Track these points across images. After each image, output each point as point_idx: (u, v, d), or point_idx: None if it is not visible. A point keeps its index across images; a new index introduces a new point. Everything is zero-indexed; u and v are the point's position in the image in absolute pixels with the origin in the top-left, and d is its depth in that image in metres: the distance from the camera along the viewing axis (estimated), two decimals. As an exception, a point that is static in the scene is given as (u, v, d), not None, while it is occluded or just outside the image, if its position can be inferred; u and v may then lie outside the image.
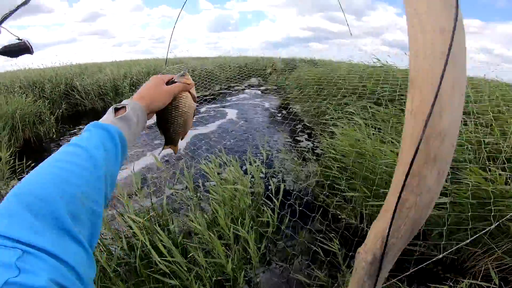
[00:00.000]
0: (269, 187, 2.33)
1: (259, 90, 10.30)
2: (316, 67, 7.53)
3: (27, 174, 0.36)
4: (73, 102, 7.48)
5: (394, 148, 2.17)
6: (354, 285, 0.45)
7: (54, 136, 5.53)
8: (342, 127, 2.82)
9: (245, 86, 11.07)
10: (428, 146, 0.35)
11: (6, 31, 1.16)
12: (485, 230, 1.66)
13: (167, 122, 0.64)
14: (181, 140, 0.70)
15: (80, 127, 6.11)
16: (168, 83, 0.62)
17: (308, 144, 4.31)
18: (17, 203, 0.32)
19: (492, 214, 1.76)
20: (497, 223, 1.65)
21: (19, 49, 1.08)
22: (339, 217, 2.49)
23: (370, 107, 3.07)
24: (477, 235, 1.64)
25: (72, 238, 0.33)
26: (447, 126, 0.35)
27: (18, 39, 1.06)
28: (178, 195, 2.53)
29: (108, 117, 0.50)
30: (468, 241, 1.60)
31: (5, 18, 1.23)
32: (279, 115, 6.53)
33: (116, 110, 0.52)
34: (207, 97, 8.58)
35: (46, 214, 0.32)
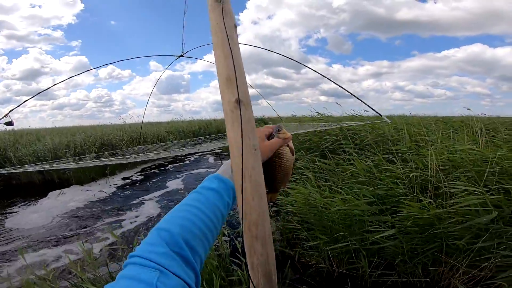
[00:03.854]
0: (236, 246, 2.40)
1: (214, 153, 10.51)
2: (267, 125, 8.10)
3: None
4: (7, 175, 6.50)
5: (340, 196, 2.45)
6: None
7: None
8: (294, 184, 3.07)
9: (200, 151, 11.25)
10: (250, 231, 0.53)
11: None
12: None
13: (273, 173, 0.67)
14: (283, 188, 0.73)
15: (16, 202, 5.49)
16: (269, 137, 0.67)
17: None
18: (157, 235, 0.44)
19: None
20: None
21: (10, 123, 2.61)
22: (310, 263, 2.63)
23: (317, 160, 3.44)
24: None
25: (190, 265, 0.44)
26: (257, 217, 0.54)
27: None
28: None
29: (227, 170, 0.59)
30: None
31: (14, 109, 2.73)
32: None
33: None
34: (162, 164, 8.53)
35: (175, 246, 0.43)
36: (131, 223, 4.28)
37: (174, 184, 6.57)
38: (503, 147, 2.70)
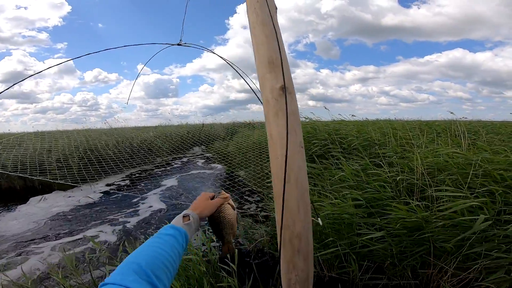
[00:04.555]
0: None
1: (203, 158, 10.39)
2: (256, 130, 8.10)
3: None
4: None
5: (329, 200, 2.45)
6: None
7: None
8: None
9: (189, 156, 11.09)
10: (292, 244, 0.48)
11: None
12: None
13: (218, 227, 0.85)
14: (233, 239, 0.88)
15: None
16: (212, 198, 0.86)
17: (251, 207, 4.50)
18: (127, 267, 0.55)
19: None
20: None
21: None
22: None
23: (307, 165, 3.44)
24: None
25: None
26: (301, 229, 0.48)
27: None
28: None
29: (179, 221, 0.75)
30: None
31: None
32: (225, 181, 6.56)
33: (183, 217, 0.76)
34: (148, 170, 8.37)
35: (144, 275, 0.53)
36: (115, 229, 4.16)
37: (161, 188, 6.45)
38: (487, 149, 2.77)
